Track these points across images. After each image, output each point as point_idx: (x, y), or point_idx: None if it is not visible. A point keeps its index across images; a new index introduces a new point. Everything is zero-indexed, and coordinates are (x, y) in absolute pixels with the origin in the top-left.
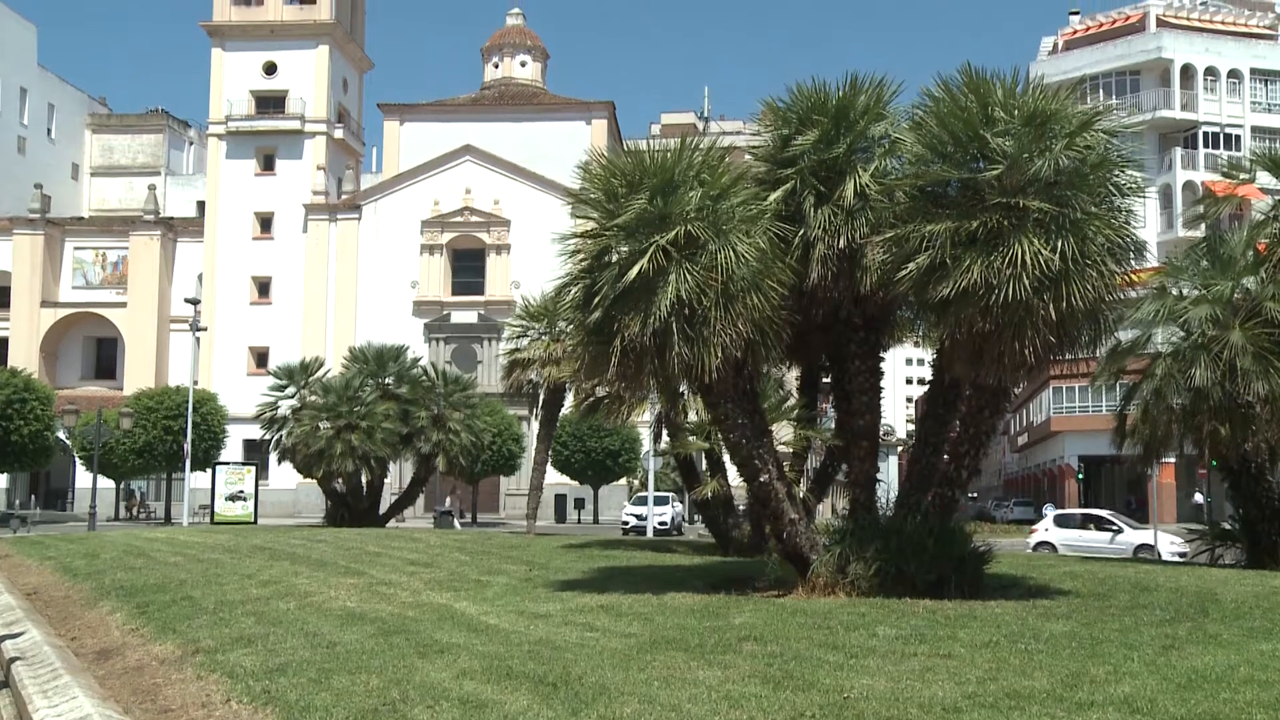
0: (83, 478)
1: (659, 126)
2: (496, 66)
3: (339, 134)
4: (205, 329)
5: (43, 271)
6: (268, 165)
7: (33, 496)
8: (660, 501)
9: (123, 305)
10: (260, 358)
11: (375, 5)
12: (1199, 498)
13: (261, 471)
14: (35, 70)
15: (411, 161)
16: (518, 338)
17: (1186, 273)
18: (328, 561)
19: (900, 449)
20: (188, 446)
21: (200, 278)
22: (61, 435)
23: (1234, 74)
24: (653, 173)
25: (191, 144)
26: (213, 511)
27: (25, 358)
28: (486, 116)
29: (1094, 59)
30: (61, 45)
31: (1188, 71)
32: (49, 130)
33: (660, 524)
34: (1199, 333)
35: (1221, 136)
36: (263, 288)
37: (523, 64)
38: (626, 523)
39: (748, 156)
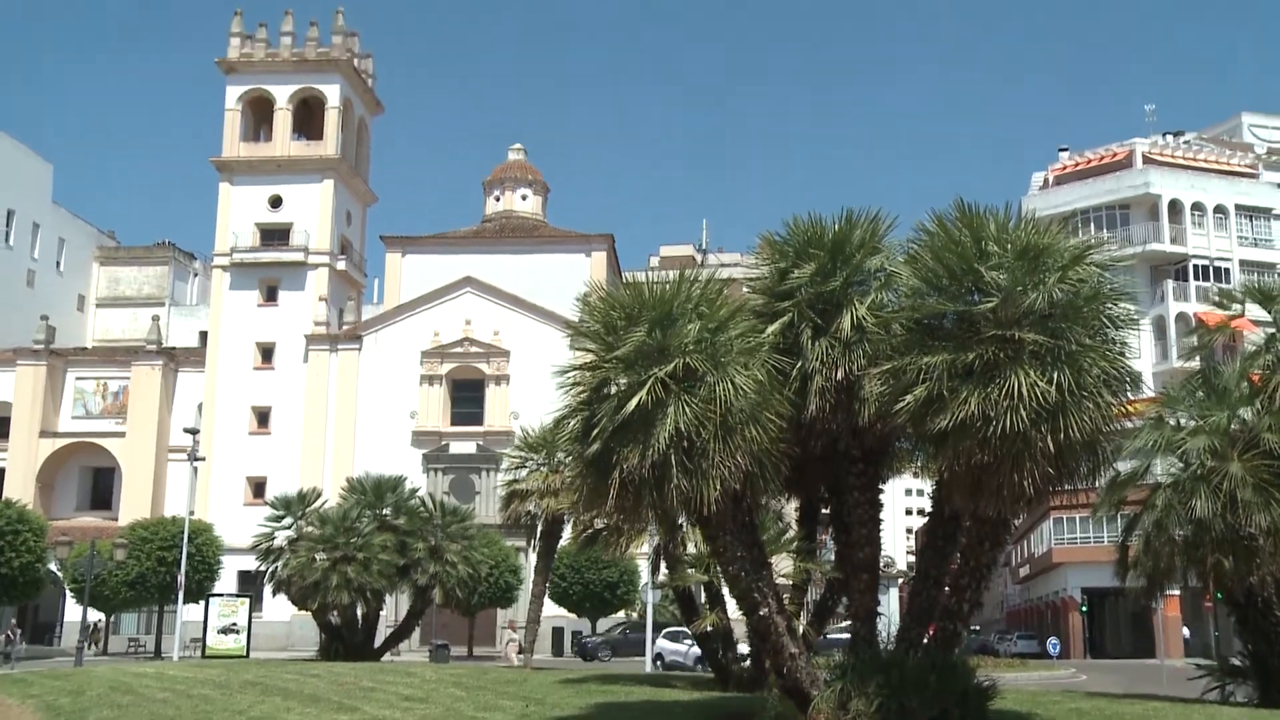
0: (72, 610)
1: (658, 258)
2: (498, 199)
3: (341, 265)
4: (203, 459)
5: (43, 402)
6: (270, 296)
7: (19, 630)
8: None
9: (121, 435)
10: (258, 488)
11: (379, 140)
12: (1185, 632)
13: (255, 603)
14: (49, 206)
15: (413, 292)
16: (516, 469)
17: (1183, 403)
18: (321, 697)
19: (901, 581)
20: (181, 578)
21: (200, 407)
22: (53, 567)
23: (1220, 209)
24: (651, 305)
25: (196, 275)
26: (204, 645)
27: (22, 488)
28: (487, 249)
29: (1084, 194)
30: (75, 180)
31: (1175, 206)
32: (58, 263)
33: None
34: (1198, 464)
35: (1211, 269)
36: (262, 418)
37: (524, 197)
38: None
39: (745, 289)
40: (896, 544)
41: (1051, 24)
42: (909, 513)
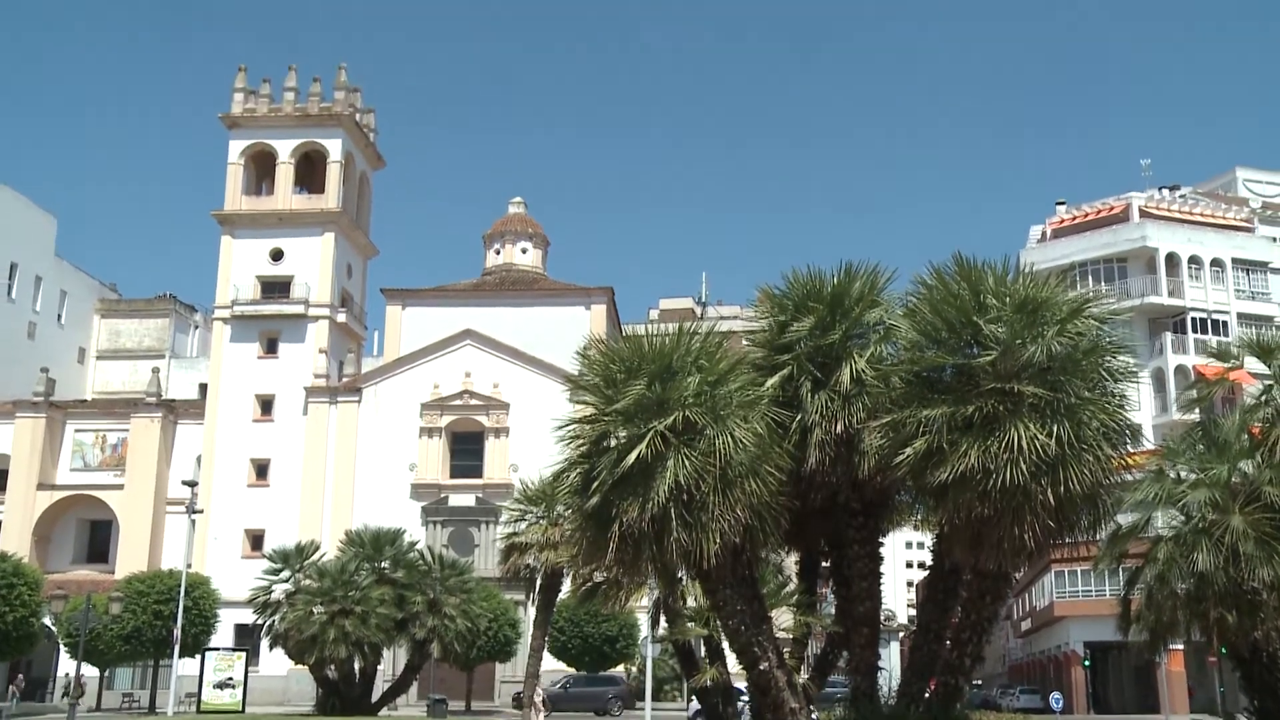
0: (66, 665)
1: (657, 311)
2: (498, 252)
3: (342, 318)
4: (201, 511)
5: (42, 454)
6: (270, 348)
7: (10, 686)
8: None
9: (119, 487)
10: (256, 540)
11: (380, 193)
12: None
13: (252, 657)
14: (52, 259)
15: (412, 345)
16: (515, 521)
17: (1183, 456)
18: None
19: (902, 635)
20: (177, 632)
21: (199, 460)
22: (48, 621)
23: (1216, 263)
24: (651, 358)
25: (197, 328)
26: (200, 699)
27: (18, 541)
28: (487, 301)
29: (1081, 247)
30: (78, 232)
31: (1172, 260)
32: (59, 316)
33: None
34: (1199, 517)
35: (1209, 322)
36: (261, 470)
37: (523, 250)
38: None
39: (745, 342)
40: (897, 598)
41: (1046, 77)
42: (909, 566)
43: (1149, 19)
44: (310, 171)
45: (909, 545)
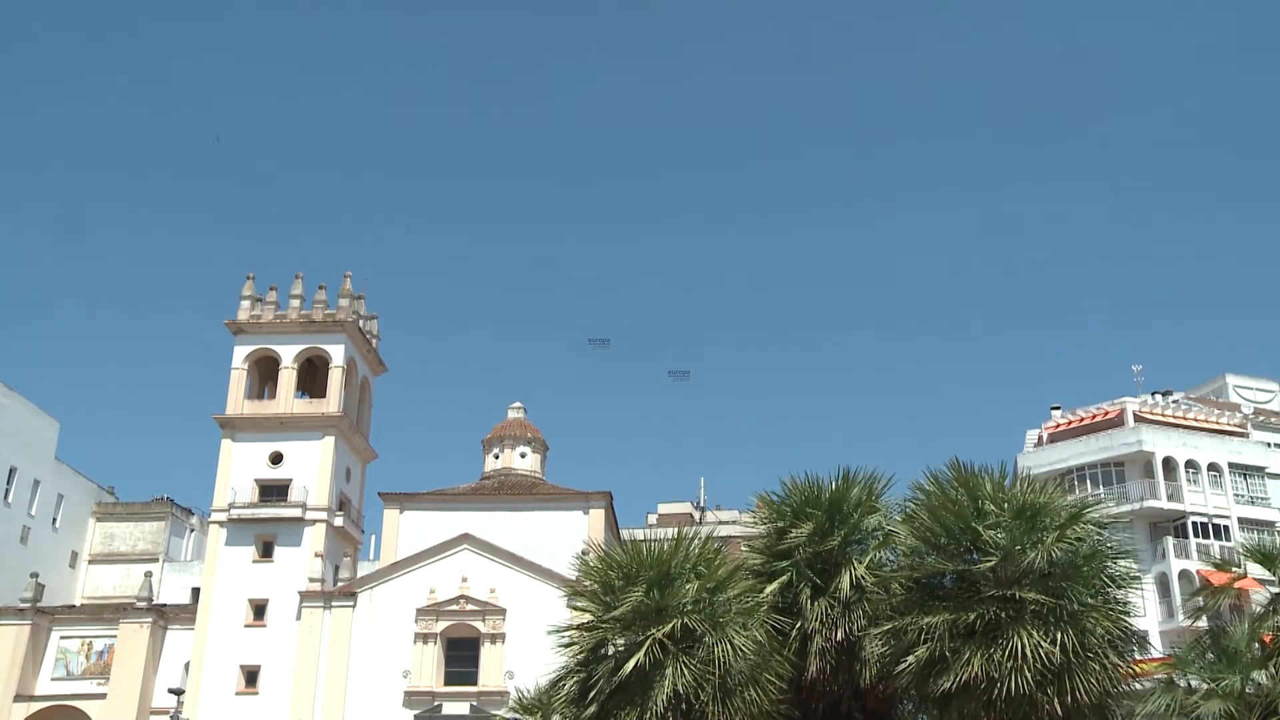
0: None
1: (656, 515)
2: (497, 457)
3: (339, 522)
4: None
5: (23, 664)
6: (266, 552)
7: None
8: None
9: (102, 697)
10: None
11: (381, 396)
12: None
13: None
14: (51, 464)
15: (410, 548)
16: None
17: (1193, 665)
18: None
19: None
20: None
21: (187, 667)
22: None
23: (1214, 467)
24: (649, 565)
25: (192, 531)
26: None
27: None
28: (485, 505)
29: (1078, 451)
30: (79, 433)
31: (1169, 464)
32: (54, 519)
33: None
34: None
35: (1211, 526)
36: (250, 677)
37: (522, 455)
38: None
39: (744, 548)
40: None
41: (1039, 284)
42: None
43: (1135, 222)
44: (312, 375)
45: None
